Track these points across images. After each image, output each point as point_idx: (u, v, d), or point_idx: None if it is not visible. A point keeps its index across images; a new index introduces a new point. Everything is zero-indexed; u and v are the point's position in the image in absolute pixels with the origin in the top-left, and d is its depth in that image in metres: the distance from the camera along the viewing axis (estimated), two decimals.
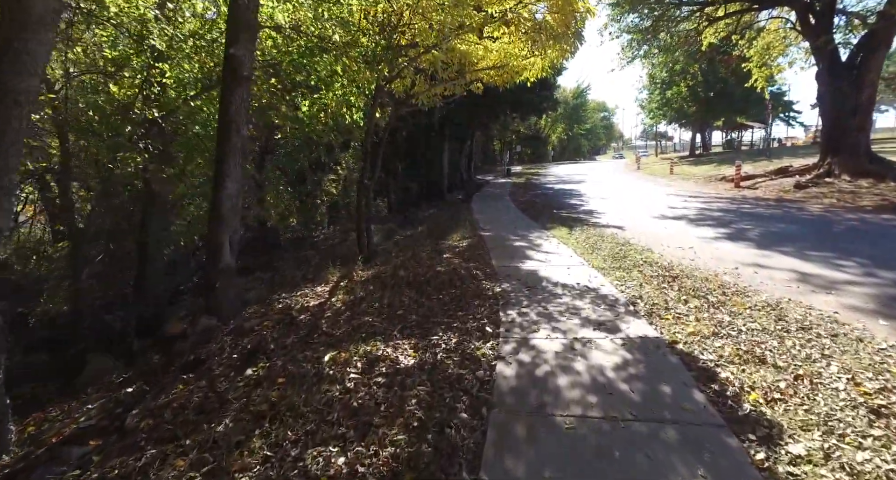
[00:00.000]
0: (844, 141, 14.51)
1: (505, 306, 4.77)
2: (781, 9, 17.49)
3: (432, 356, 3.62)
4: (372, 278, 6.41)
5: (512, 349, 3.68)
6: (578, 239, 8.16)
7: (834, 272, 5.43)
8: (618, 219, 10.54)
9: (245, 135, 4.64)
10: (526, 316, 4.44)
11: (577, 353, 3.55)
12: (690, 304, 4.49)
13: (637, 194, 16.42)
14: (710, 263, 6.22)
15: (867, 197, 11.35)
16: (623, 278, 5.55)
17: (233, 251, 4.78)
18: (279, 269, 8.63)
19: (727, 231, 8.43)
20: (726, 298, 4.61)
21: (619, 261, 6.37)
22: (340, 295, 5.58)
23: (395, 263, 7.31)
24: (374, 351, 3.71)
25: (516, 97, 18.33)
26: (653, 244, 7.50)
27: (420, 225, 12.25)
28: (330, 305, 5.19)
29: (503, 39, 8.16)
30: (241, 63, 4.43)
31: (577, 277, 5.76)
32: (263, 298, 5.95)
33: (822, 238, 7.52)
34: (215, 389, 3.23)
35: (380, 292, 5.50)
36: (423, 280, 5.89)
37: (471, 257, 7.20)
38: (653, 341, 3.70)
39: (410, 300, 5.09)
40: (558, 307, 4.68)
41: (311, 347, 3.91)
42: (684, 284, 5.16)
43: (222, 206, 4.53)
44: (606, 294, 5.01)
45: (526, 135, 48.58)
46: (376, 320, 4.52)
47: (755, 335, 3.64)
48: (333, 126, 8.57)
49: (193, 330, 4.36)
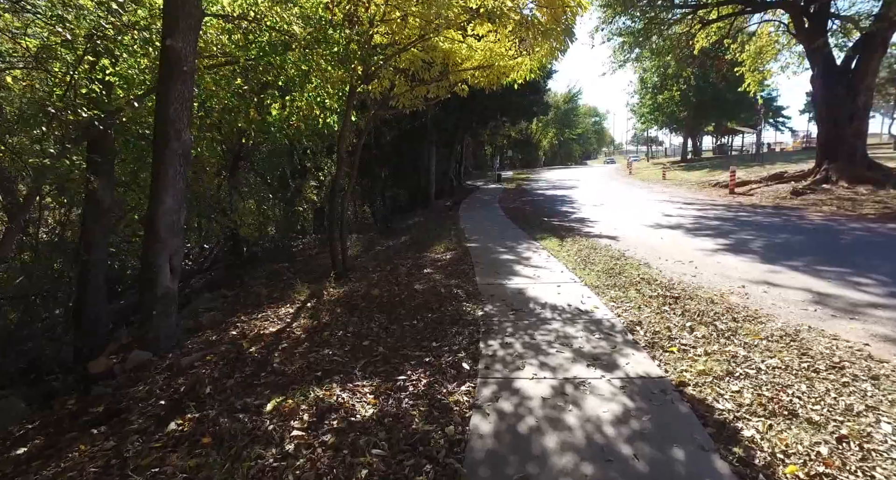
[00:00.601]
0: (841, 147, 14.17)
1: (487, 334, 4.19)
2: (775, 12, 17.22)
3: (396, 403, 3.02)
4: (343, 297, 5.81)
5: (491, 395, 3.09)
6: (570, 251, 7.61)
7: (853, 292, 4.90)
8: (611, 228, 10.02)
9: (188, 140, 4.03)
10: (510, 348, 3.85)
11: (569, 399, 2.97)
12: (697, 332, 3.93)
13: (630, 200, 15.95)
14: (713, 280, 5.69)
15: (868, 205, 10.94)
16: (619, 299, 5.00)
17: (174, 275, 4.15)
18: (248, 285, 7.97)
19: (727, 242, 7.93)
20: (737, 325, 4.06)
21: (614, 278, 5.82)
22: (303, 320, 4.97)
23: (371, 279, 6.71)
24: (328, 397, 3.11)
25: (505, 101, 17.84)
26: (650, 258, 6.97)
27: (404, 234, 11.66)
28: (289, 332, 4.57)
29: (489, 38, 7.63)
30: (180, 56, 3.82)
31: (569, 297, 5.20)
32: (220, 321, 5.31)
33: (830, 251, 7.03)
34: (122, 453, 2.61)
35: (347, 317, 4.89)
36: (397, 301, 5.29)
37: (453, 272, 6.62)
38: (657, 382, 3.14)
39: (380, 327, 4.49)
40: (547, 335, 4.10)
41: (254, 390, 3.30)
42: (688, 306, 4.61)
43: (159, 223, 3.91)
44: (601, 319, 4.44)
45: (517, 139, 48.19)
46: (337, 353, 3.91)
47: (778, 376, 3.08)
48: (311, 130, 7.96)
49: (122, 368, 3.72)
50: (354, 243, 11.35)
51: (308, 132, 7.61)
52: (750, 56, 18.22)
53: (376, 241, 11.36)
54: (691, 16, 17.28)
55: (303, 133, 7.42)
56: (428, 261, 7.60)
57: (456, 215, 13.99)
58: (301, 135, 7.83)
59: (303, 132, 7.36)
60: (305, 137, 7.88)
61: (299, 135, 8.26)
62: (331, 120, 7.35)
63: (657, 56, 19.36)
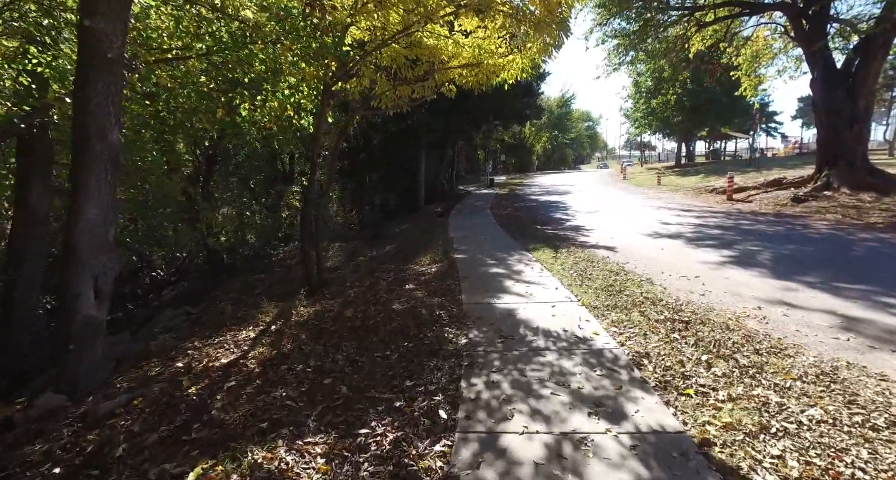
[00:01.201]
0: (841, 152, 13.75)
1: (470, 369, 3.58)
2: (771, 15, 16.87)
3: (353, 470, 2.41)
4: (312, 318, 5.19)
5: (471, 458, 2.48)
6: (565, 264, 7.03)
7: (886, 316, 4.35)
8: (608, 237, 9.46)
9: (115, 141, 3.40)
10: (496, 388, 3.25)
11: (568, 466, 2.37)
12: (716, 368, 3.35)
13: (626, 207, 15.44)
14: (724, 299, 5.12)
15: (874, 213, 10.49)
16: (621, 323, 4.41)
17: (101, 300, 3.51)
18: (217, 299, 7.33)
19: (733, 254, 7.39)
20: (761, 359, 3.48)
21: (614, 297, 5.24)
22: (262, 348, 4.34)
23: (347, 295, 6.09)
24: (269, 462, 2.49)
25: (498, 104, 17.34)
26: (652, 272, 6.41)
27: (391, 243, 11.04)
28: (242, 365, 3.94)
29: (477, 34, 7.07)
30: (103, 40, 3.20)
31: (565, 320, 4.61)
32: (170, 347, 4.67)
33: (845, 264, 6.50)
34: None
35: (312, 344, 4.27)
36: (371, 325, 4.67)
37: (438, 288, 6.01)
38: (675, 440, 2.55)
39: (347, 360, 3.87)
40: (540, 370, 3.51)
41: (179, 451, 2.66)
42: (701, 333, 4.04)
43: (79, 239, 3.27)
44: (602, 349, 3.85)
45: (511, 144, 47.78)
46: (292, 395, 3.29)
47: (826, 434, 2.50)
48: (285, 132, 7.33)
49: (26, 416, 3.07)
50: (337, 253, 10.74)
51: (281, 135, 6.97)
52: (746, 60, 17.86)
53: (360, 250, 10.72)
54: (687, 18, 16.88)
55: (275, 135, 6.79)
56: (411, 274, 6.99)
57: (446, 222, 13.38)
58: (274, 137, 7.19)
59: (275, 134, 6.73)
60: (281, 140, 7.25)
61: (273, 137, 7.65)
62: (305, 121, 6.74)
63: (652, 59, 18.93)
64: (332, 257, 10.50)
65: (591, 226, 11.22)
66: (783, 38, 17.25)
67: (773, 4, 15.59)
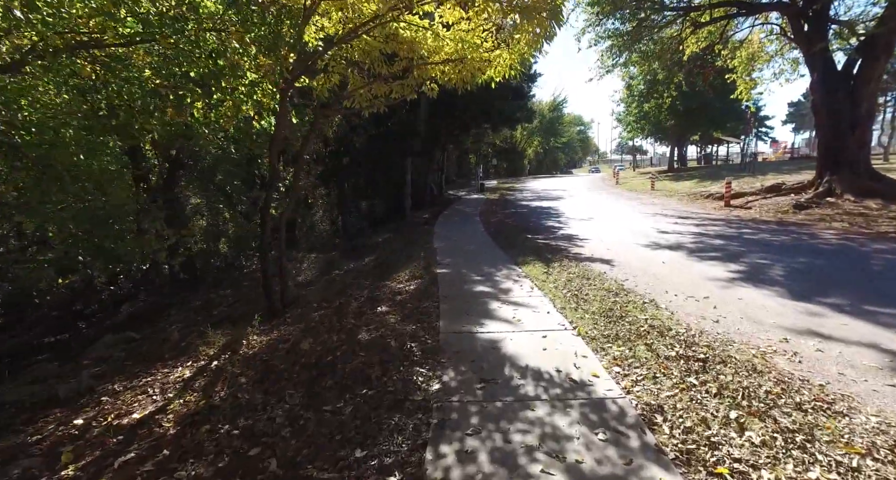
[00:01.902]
0: (843, 157, 13.22)
1: (440, 431, 2.82)
2: (767, 17, 16.39)
3: None
4: (263, 351, 4.42)
5: None
6: (558, 281, 6.31)
7: None
8: (603, 249, 8.77)
9: None
10: (470, 463, 2.50)
11: None
12: (751, 432, 2.63)
13: (620, 213, 14.80)
14: (743, 328, 4.42)
15: (883, 221, 9.91)
16: (625, 360, 3.69)
17: None
18: (168, 320, 6.52)
19: (741, 269, 6.72)
20: (807, 417, 2.77)
21: (615, 324, 4.52)
22: (191, 395, 3.56)
23: (310, 319, 5.33)
24: None
25: (487, 106, 16.68)
26: (654, 291, 5.71)
27: (370, 254, 10.26)
28: (156, 422, 3.16)
29: (460, 26, 6.36)
30: None
31: (558, 356, 3.87)
32: (82, 393, 3.87)
33: (868, 281, 5.85)
34: None
35: (252, 392, 3.50)
36: (328, 363, 3.91)
37: (413, 311, 5.26)
38: None
39: (287, 417, 3.10)
40: (528, 432, 2.76)
41: None
42: (723, 377, 3.32)
43: None
44: (604, 399, 3.12)
45: (502, 148, 47.24)
46: (203, 475, 2.52)
47: None
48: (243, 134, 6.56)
49: None
50: (312, 264, 9.94)
51: (240, 136, 6.21)
52: (742, 62, 17.38)
53: (337, 263, 9.93)
54: (682, 19, 16.35)
55: (231, 136, 6.02)
56: (387, 293, 6.23)
57: (431, 230, 12.63)
58: (236, 140, 6.43)
59: (231, 136, 5.96)
60: (239, 143, 6.47)
61: (241, 141, 6.88)
62: (265, 122, 5.98)
63: (646, 61, 18.36)
64: (307, 270, 9.72)
65: (585, 235, 10.53)
66: (779, 41, 16.78)
67: (772, 4, 15.10)
